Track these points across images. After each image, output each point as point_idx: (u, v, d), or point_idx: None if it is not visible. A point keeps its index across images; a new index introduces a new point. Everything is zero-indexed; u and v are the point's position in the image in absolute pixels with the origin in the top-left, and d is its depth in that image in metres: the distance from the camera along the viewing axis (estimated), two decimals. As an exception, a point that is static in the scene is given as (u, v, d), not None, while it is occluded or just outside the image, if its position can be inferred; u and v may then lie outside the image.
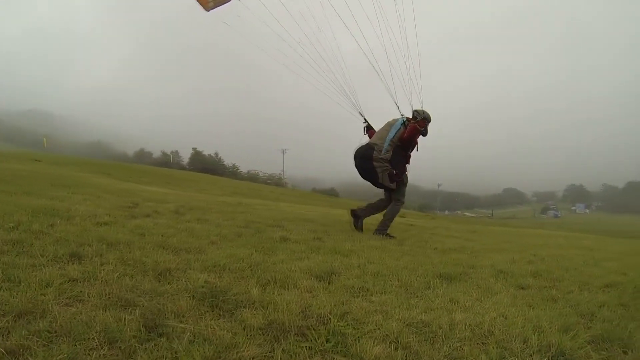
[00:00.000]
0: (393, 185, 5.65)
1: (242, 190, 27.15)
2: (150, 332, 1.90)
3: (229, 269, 3.08)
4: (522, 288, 3.48)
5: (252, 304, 2.40)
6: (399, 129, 5.60)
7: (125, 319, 1.95)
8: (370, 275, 3.48)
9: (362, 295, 2.93)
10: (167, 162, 67.83)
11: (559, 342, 2.27)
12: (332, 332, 2.14)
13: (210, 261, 3.19)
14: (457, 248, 5.35)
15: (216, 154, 74.25)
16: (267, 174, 69.46)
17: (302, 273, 3.34)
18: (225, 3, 6.34)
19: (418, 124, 5.54)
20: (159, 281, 2.62)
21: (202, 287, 2.53)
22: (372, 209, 6.03)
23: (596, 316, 2.82)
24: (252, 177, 63.22)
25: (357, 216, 5.87)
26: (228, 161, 73.92)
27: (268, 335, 2.01)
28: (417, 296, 3.05)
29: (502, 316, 2.64)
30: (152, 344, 1.80)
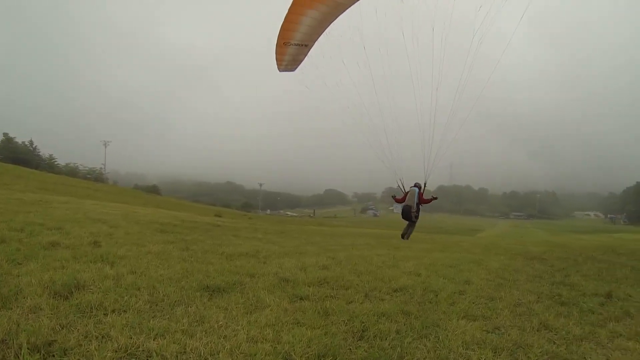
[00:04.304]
0: (416, 219, 11.91)
1: (52, 186, 23.07)
2: None
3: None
4: (301, 299, 3.31)
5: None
6: (416, 194, 11.59)
7: None
8: (123, 288, 3.13)
9: (94, 315, 2.57)
10: (-28, 150, 52.27)
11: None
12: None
13: None
14: (249, 252, 5.16)
15: (31, 142, 61.03)
16: (87, 168, 61.97)
17: (41, 287, 2.94)
18: (292, 70, 8.59)
19: (433, 196, 12.28)
20: None
21: None
22: (408, 228, 12.11)
23: (369, 331, 2.68)
24: (71, 171, 55.03)
25: (403, 235, 12.01)
26: (45, 151, 61.38)
27: None
28: (163, 315, 2.72)
29: (251, 340, 2.39)
30: None
